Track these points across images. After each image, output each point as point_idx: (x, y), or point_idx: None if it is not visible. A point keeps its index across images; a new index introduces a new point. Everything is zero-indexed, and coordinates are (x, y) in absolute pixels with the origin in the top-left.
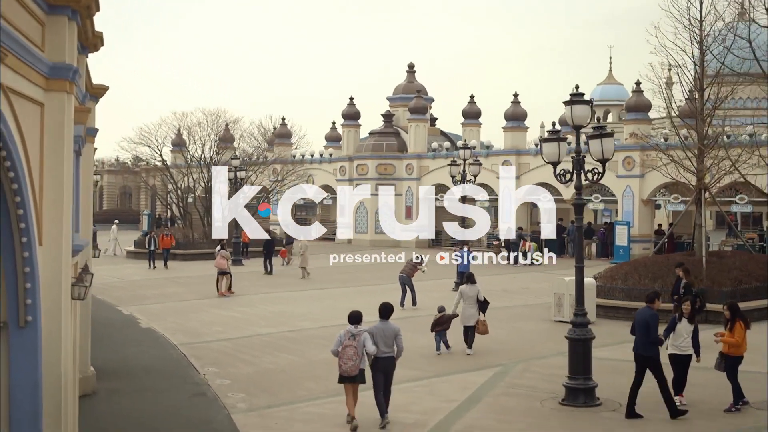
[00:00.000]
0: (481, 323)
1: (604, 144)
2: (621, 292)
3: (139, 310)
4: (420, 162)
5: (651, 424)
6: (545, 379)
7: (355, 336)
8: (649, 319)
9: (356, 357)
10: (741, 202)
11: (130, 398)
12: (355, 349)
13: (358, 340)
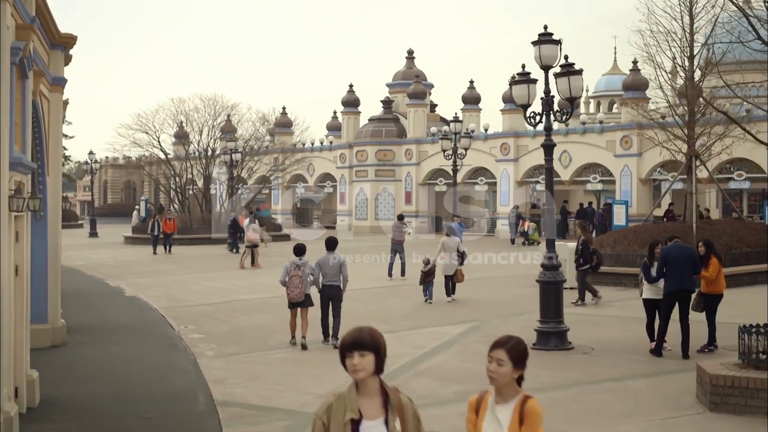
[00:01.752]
0: (459, 272)
1: (571, 82)
2: (610, 258)
3: (127, 283)
4: (419, 147)
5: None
6: (521, 330)
7: (300, 266)
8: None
9: (301, 284)
10: (739, 179)
11: (99, 348)
12: (300, 278)
13: (303, 270)
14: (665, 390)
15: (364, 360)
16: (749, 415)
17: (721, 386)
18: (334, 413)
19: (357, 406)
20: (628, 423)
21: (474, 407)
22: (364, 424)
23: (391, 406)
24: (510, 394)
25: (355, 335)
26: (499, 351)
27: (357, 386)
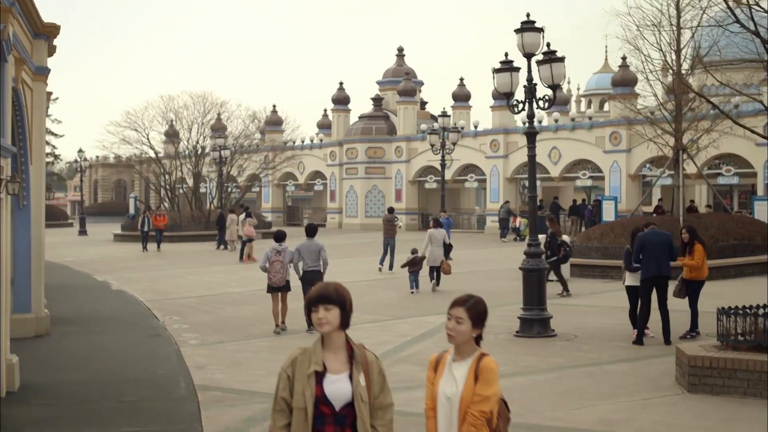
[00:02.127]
0: (445, 263)
1: (553, 69)
2: (597, 251)
3: (114, 278)
4: (409, 144)
5: (608, 350)
6: (505, 319)
7: (280, 252)
8: (668, 239)
9: (282, 270)
10: (728, 174)
11: (82, 338)
12: (281, 263)
13: (283, 255)
14: (645, 373)
15: (329, 314)
16: (726, 395)
17: (699, 367)
18: (298, 366)
19: (321, 359)
20: (606, 403)
21: (433, 365)
22: (328, 377)
23: (356, 361)
24: (467, 352)
25: (320, 289)
26: (459, 309)
27: (323, 341)
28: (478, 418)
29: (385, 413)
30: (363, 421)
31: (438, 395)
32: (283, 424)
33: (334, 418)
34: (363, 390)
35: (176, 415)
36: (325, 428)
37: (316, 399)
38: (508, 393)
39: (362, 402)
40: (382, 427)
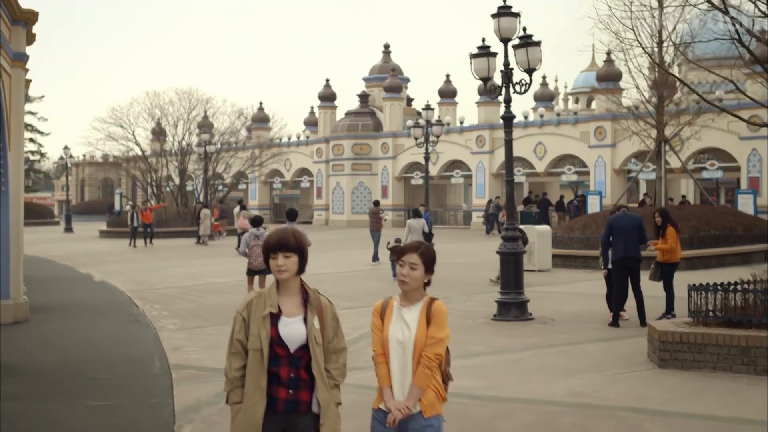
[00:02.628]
0: None
1: (529, 53)
2: (579, 242)
3: (97, 270)
4: (395, 141)
5: (584, 332)
6: (484, 305)
7: (258, 236)
8: (637, 221)
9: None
10: (711, 168)
11: (61, 324)
12: (260, 247)
13: (262, 240)
14: (618, 351)
15: (288, 261)
16: (697, 370)
17: (670, 342)
18: (254, 309)
19: (277, 302)
20: (576, 378)
21: (379, 312)
22: (283, 320)
23: (310, 305)
24: (417, 297)
25: (280, 237)
26: (412, 255)
27: (278, 285)
28: (433, 360)
29: (339, 357)
30: (317, 363)
31: (389, 340)
32: (238, 365)
33: (289, 360)
34: (317, 332)
35: (149, 390)
36: (279, 369)
37: (271, 340)
38: (479, 370)
39: (316, 344)
40: (336, 370)
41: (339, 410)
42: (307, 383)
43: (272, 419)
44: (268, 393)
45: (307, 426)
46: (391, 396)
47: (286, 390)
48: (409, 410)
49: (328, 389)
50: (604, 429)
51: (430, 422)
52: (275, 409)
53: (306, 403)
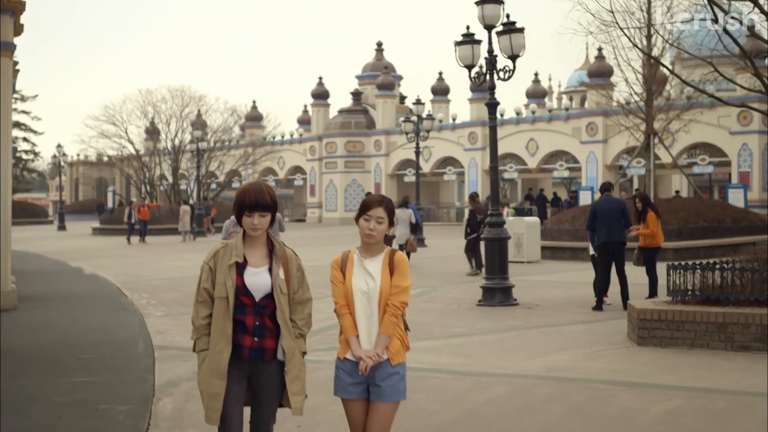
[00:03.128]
0: (410, 242)
1: (513, 39)
2: (568, 234)
3: (88, 264)
4: (388, 138)
5: (567, 315)
6: (470, 293)
7: None
8: (620, 206)
9: None
10: (702, 163)
11: (49, 311)
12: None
13: None
14: (598, 332)
15: (263, 219)
16: (675, 347)
17: (648, 320)
18: (220, 259)
19: (242, 252)
20: (556, 355)
21: (339, 266)
22: (248, 269)
23: (276, 256)
24: (378, 250)
25: (257, 197)
26: (378, 209)
27: (244, 237)
28: (399, 308)
29: (304, 308)
30: (282, 312)
31: (353, 291)
32: (205, 314)
33: (254, 309)
34: (282, 282)
35: (131, 368)
36: (245, 318)
37: (237, 289)
38: (460, 349)
39: (281, 293)
40: (302, 320)
41: (304, 359)
42: (272, 331)
43: (238, 366)
44: (233, 340)
45: (272, 373)
46: (359, 345)
47: (251, 338)
48: (379, 357)
49: (293, 338)
50: (578, 399)
51: (397, 369)
52: (241, 356)
53: (271, 351)
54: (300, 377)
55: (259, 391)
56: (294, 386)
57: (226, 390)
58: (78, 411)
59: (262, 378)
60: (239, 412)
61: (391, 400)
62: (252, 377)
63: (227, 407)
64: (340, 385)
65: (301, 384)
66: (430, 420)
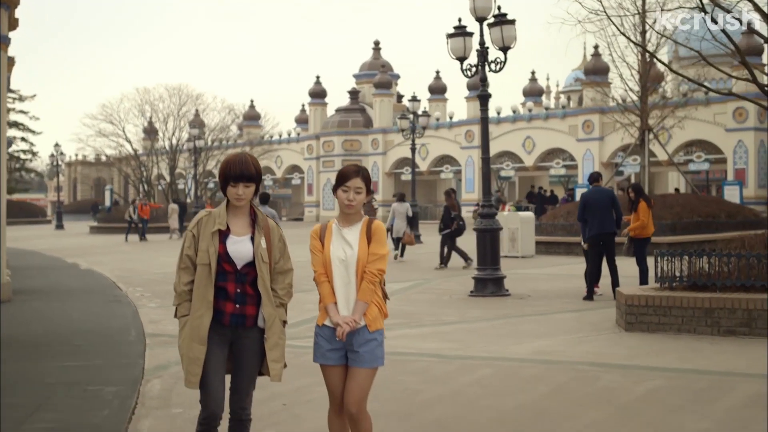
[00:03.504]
0: (407, 235)
1: (504, 31)
2: (562, 229)
3: (84, 260)
4: (385, 137)
5: (557, 304)
6: (464, 285)
7: None
8: (610, 195)
9: None
10: (698, 160)
11: (44, 303)
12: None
13: None
14: (588, 319)
15: (248, 190)
16: (662, 332)
17: (636, 306)
18: (203, 226)
19: (225, 220)
20: (543, 340)
21: (318, 235)
22: (231, 237)
23: (258, 226)
24: (356, 219)
25: (242, 168)
26: (358, 179)
27: (227, 206)
28: (377, 275)
29: (285, 277)
30: (263, 280)
31: (331, 260)
32: (187, 280)
33: (236, 276)
34: (264, 251)
35: (122, 354)
36: (227, 285)
37: (219, 256)
38: (449, 335)
39: (263, 262)
40: (282, 290)
41: (285, 329)
42: (253, 299)
43: (219, 332)
44: (215, 307)
45: (252, 339)
46: (337, 312)
47: (232, 304)
48: (356, 323)
49: (274, 306)
50: (562, 379)
51: (374, 336)
52: (222, 322)
53: (252, 318)
54: (279, 344)
55: (240, 356)
56: (273, 353)
57: (208, 355)
58: (66, 391)
59: (242, 344)
60: (221, 379)
61: (369, 366)
62: (233, 344)
63: (208, 372)
64: (318, 351)
65: (280, 351)
66: (414, 398)
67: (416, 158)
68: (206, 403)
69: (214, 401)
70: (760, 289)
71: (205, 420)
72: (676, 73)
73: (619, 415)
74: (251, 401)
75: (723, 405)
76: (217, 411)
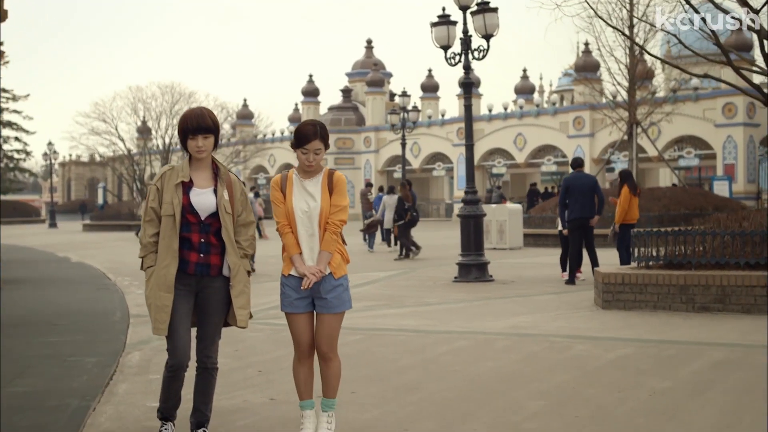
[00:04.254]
0: (396, 227)
1: (486, 19)
2: (551, 222)
3: (76, 254)
4: (378, 135)
5: (539, 288)
6: (449, 273)
7: None
8: (592, 181)
9: None
10: (688, 156)
11: (33, 291)
12: None
13: None
14: (566, 300)
15: (207, 141)
16: (638, 309)
17: (612, 284)
18: (167, 180)
19: (188, 173)
20: (521, 317)
21: (279, 187)
22: (194, 189)
23: (221, 179)
24: (316, 171)
25: (199, 120)
26: (315, 141)
27: (190, 160)
28: (339, 226)
29: (248, 230)
30: (227, 230)
31: (294, 211)
32: (152, 232)
33: (199, 227)
34: (226, 203)
35: (105, 331)
36: (191, 235)
37: (183, 207)
38: (429, 314)
39: (226, 213)
40: (246, 241)
41: (250, 278)
42: (217, 248)
43: (184, 281)
44: (180, 257)
45: (218, 288)
46: (302, 262)
47: (197, 254)
48: (322, 272)
49: (238, 255)
50: (535, 349)
51: (340, 282)
52: (187, 272)
53: (216, 267)
54: (245, 292)
55: (205, 305)
56: (239, 300)
57: (174, 305)
58: (48, 362)
59: (207, 294)
60: (186, 328)
61: (338, 310)
62: (198, 294)
63: (175, 321)
64: (286, 300)
65: (246, 299)
66: (389, 366)
67: (408, 156)
68: (173, 352)
69: (181, 349)
70: (734, 266)
71: (171, 368)
72: (665, 62)
73: (585, 377)
74: (217, 350)
75: (688, 369)
76: (183, 359)
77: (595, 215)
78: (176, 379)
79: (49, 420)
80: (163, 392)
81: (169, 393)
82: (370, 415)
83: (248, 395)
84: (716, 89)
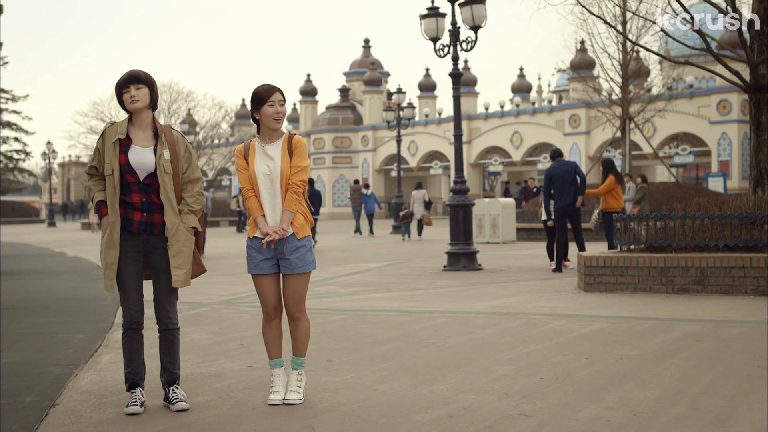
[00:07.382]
0: (426, 217)
1: (474, 10)
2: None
3: (72, 250)
4: (375, 133)
5: (527, 275)
6: (439, 263)
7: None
8: (573, 167)
9: None
10: (683, 153)
11: (26, 281)
12: None
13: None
14: (551, 285)
15: (140, 92)
16: (619, 291)
17: (594, 267)
18: (107, 138)
19: (126, 130)
20: (503, 299)
21: (242, 154)
22: (133, 148)
23: (161, 138)
24: (277, 136)
25: (130, 73)
26: (277, 93)
27: (131, 118)
28: (300, 186)
29: (194, 186)
30: (165, 190)
31: (257, 175)
32: (100, 188)
33: (139, 186)
34: (166, 162)
35: (94, 313)
36: (132, 196)
37: (121, 166)
38: (414, 297)
39: (165, 173)
40: (191, 197)
41: (192, 234)
42: (159, 207)
43: (131, 241)
44: (125, 216)
45: (162, 246)
46: (266, 223)
47: (140, 213)
48: (284, 231)
49: (177, 214)
50: (512, 325)
51: (303, 242)
52: (132, 231)
53: (160, 225)
54: (183, 251)
55: (156, 268)
56: (176, 260)
57: (123, 262)
58: (36, 338)
59: (156, 255)
60: (136, 287)
61: (302, 271)
62: (149, 255)
63: (125, 280)
64: (252, 263)
65: (184, 258)
66: (367, 339)
67: (406, 154)
68: (126, 307)
69: (133, 304)
70: (713, 248)
71: (126, 323)
72: (660, 56)
73: (556, 347)
74: (175, 310)
75: (658, 340)
76: (135, 316)
77: (576, 199)
78: (134, 339)
79: (31, 383)
80: (125, 354)
81: (131, 355)
82: (343, 378)
83: (227, 363)
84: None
